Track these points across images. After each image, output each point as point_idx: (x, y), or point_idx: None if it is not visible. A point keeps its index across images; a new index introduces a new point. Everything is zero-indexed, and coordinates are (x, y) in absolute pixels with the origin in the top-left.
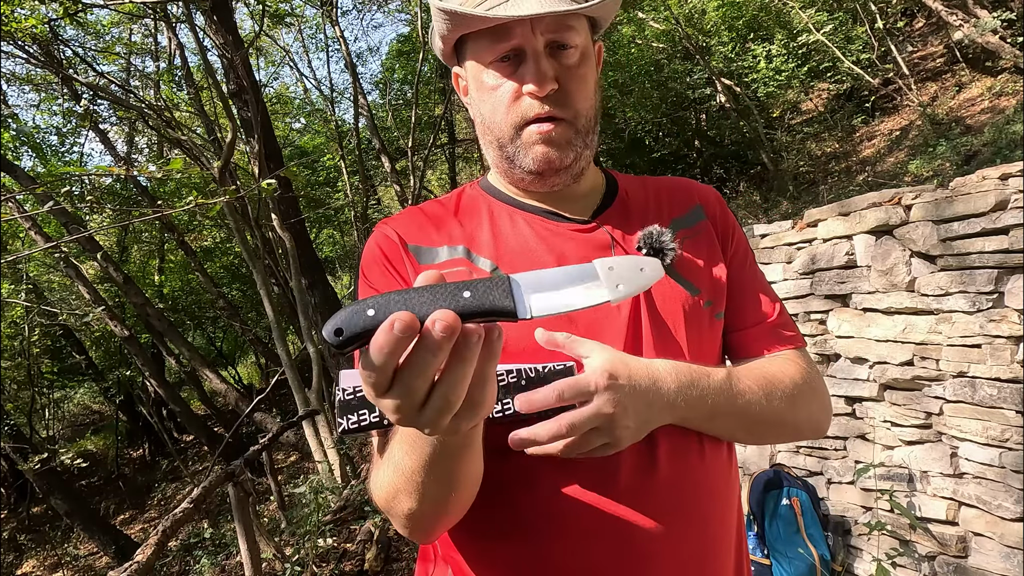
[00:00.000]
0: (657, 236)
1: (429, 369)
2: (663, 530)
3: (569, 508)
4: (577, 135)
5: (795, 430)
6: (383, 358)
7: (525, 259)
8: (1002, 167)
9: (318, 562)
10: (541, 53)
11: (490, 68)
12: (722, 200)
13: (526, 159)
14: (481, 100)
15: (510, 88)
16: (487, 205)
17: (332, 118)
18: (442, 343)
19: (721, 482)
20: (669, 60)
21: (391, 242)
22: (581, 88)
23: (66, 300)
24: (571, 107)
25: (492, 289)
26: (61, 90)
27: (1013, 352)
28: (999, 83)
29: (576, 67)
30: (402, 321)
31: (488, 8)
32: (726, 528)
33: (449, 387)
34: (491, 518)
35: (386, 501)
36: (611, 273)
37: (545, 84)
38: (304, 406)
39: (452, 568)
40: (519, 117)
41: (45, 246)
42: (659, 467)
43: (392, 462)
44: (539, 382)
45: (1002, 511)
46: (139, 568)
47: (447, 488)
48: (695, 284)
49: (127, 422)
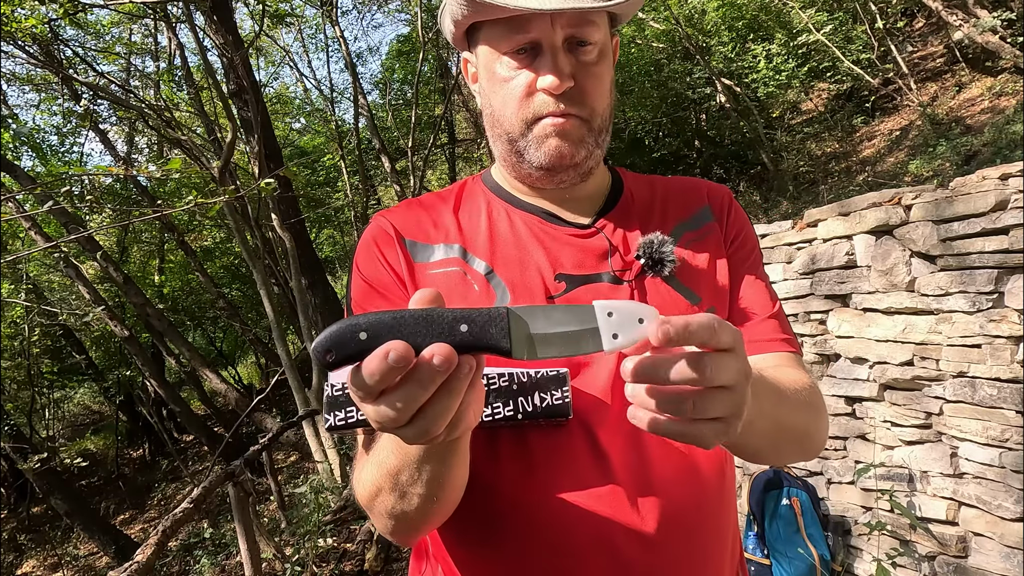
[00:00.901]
0: (657, 246)
1: (419, 399)
2: (655, 538)
3: (559, 515)
4: (591, 133)
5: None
6: (373, 384)
7: (519, 263)
8: (1002, 167)
9: (318, 562)
10: (559, 48)
11: (504, 57)
12: (733, 199)
13: (537, 153)
14: (492, 91)
15: (523, 82)
16: (487, 202)
17: (332, 118)
18: (435, 377)
19: (714, 493)
20: (669, 60)
21: (386, 235)
22: (597, 86)
23: (66, 300)
24: (587, 105)
25: (489, 326)
26: (61, 90)
27: (1013, 352)
28: (999, 83)
29: (594, 64)
30: (397, 352)
31: None
32: (720, 540)
33: (435, 414)
34: (481, 523)
35: (368, 499)
36: (609, 320)
37: (563, 80)
38: (304, 406)
39: (443, 568)
40: (531, 113)
41: (45, 246)
42: (652, 475)
43: (376, 460)
44: (532, 387)
45: (1002, 511)
46: (139, 568)
47: (430, 491)
48: (697, 292)
49: (127, 422)
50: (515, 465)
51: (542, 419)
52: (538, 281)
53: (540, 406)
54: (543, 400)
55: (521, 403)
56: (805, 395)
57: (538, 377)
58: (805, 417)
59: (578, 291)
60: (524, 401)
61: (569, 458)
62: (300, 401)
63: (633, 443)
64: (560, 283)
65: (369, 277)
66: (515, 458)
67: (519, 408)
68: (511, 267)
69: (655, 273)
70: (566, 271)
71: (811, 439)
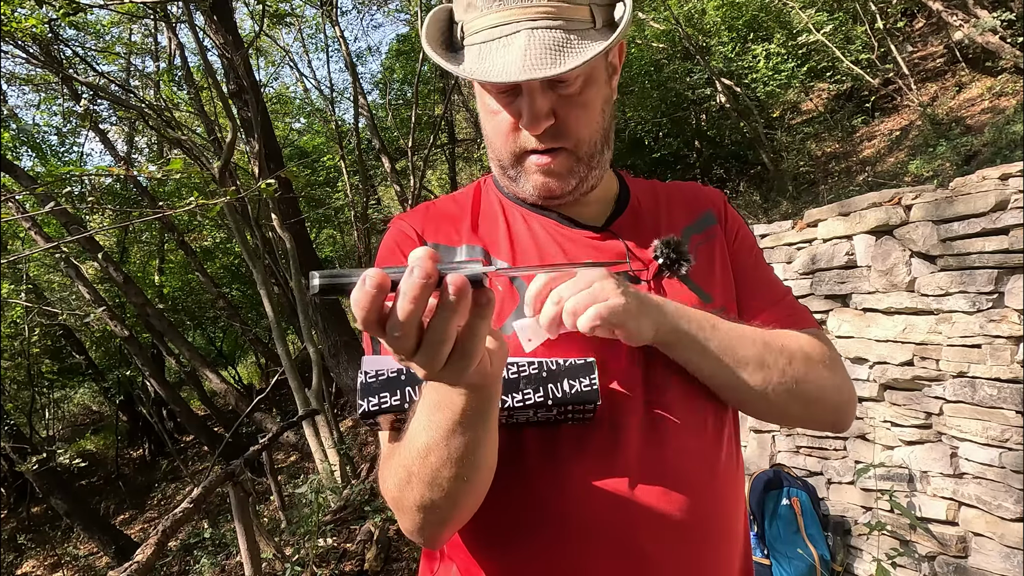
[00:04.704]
0: (675, 246)
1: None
2: (670, 536)
3: (575, 511)
4: (579, 162)
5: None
6: (362, 309)
7: (541, 264)
8: (1002, 167)
9: (318, 562)
10: (536, 90)
11: (490, 94)
12: (727, 202)
13: (526, 186)
14: (484, 120)
15: (507, 119)
16: (501, 206)
17: (332, 118)
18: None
19: (730, 490)
20: (669, 60)
21: (409, 238)
22: (582, 115)
23: (66, 300)
24: (571, 137)
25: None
26: (61, 90)
27: (1013, 352)
28: (999, 83)
29: (577, 95)
30: (372, 278)
31: (479, 42)
32: (733, 537)
33: (437, 333)
34: (497, 519)
35: (397, 490)
36: None
37: (539, 123)
38: (304, 406)
39: (457, 566)
40: (518, 148)
41: (45, 246)
42: (667, 472)
43: (405, 446)
44: (561, 375)
45: (1002, 511)
46: (139, 568)
47: (459, 470)
48: (708, 291)
49: (127, 422)
50: (539, 462)
51: (571, 405)
52: None
53: (569, 392)
54: (572, 387)
55: (551, 389)
56: (804, 346)
57: (567, 365)
58: (804, 368)
59: None
60: (554, 387)
61: (591, 453)
62: (300, 401)
63: (654, 438)
64: None
65: None
66: (539, 455)
67: (548, 394)
68: None
69: (672, 272)
70: None
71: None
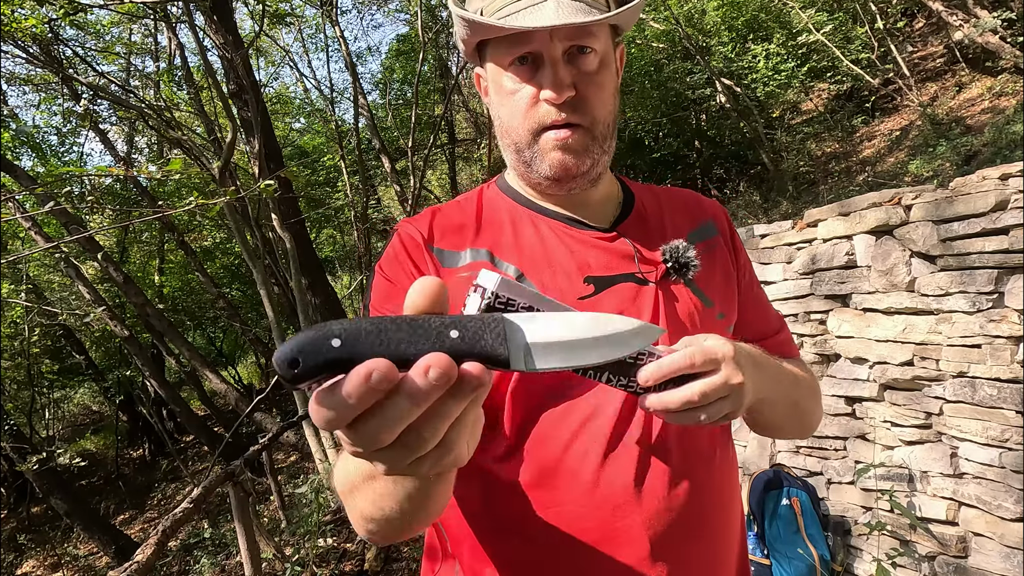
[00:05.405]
0: (683, 251)
1: (404, 421)
2: (669, 536)
3: (578, 510)
4: (594, 141)
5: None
6: (347, 410)
7: (548, 266)
8: (1002, 167)
9: (318, 562)
10: (559, 59)
11: (508, 71)
12: (728, 215)
13: (543, 165)
14: (500, 103)
15: (528, 93)
16: (508, 209)
17: (332, 118)
18: (431, 393)
19: (727, 494)
20: (669, 60)
21: (415, 241)
22: (599, 94)
23: (66, 300)
24: (588, 113)
25: (484, 332)
26: (61, 90)
27: (1013, 352)
28: (999, 83)
29: (595, 73)
30: (380, 372)
31: (504, 16)
32: (731, 539)
33: (419, 435)
34: (500, 516)
35: (343, 495)
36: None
37: (562, 91)
38: (304, 406)
39: (460, 563)
40: (536, 123)
41: (45, 246)
42: (668, 474)
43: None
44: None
45: (1002, 511)
46: (139, 568)
47: (404, 508)
48: (710, 297)
49: (127, 422)
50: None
51: None
52: (567, 283)
53: None
54: None
55: None
56: (812, 384)
57: None
58: (812, 403)
59: (606, 292)
60: None
61: (592, 452)
62: (300, 401)
63: (654, 437)
64: (589, 285)
65: (393, 278)
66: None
67: None
68: (541, 270)
69: (679, 276)
70: (594, 273)
71: (812, 418)
